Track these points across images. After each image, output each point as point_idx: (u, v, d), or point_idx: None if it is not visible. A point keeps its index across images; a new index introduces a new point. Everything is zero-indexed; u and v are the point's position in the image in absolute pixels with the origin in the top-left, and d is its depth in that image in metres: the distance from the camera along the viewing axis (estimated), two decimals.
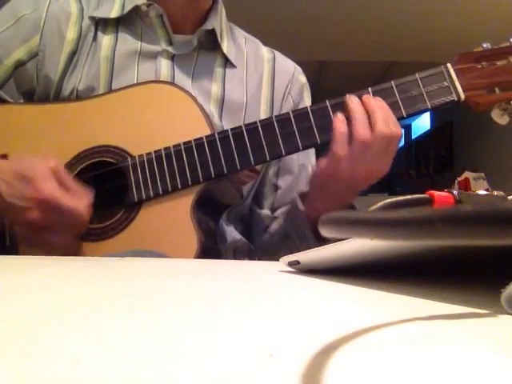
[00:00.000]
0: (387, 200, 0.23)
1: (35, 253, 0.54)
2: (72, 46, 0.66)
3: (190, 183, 0.57)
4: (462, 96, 0.58)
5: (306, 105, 0.77)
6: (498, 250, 0.18)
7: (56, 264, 0.39)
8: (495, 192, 0.30)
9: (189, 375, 0.11)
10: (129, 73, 0.65)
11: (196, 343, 0.14)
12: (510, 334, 0.16)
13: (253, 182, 0.72)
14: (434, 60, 0.95)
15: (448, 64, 0.59)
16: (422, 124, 5.60)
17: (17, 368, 0.11)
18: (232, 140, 0.58)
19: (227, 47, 0.71)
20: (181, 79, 0.67)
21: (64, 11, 0.67)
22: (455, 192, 0.26)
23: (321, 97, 0.64)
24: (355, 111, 0.56)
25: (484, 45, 0.60)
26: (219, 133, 0.58)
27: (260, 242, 0.75)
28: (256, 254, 0.75)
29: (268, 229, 0.74)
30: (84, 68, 0.66)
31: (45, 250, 0.54)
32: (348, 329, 0.16)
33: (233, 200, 0.68)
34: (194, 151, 0.58)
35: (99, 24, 0.67)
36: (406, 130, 5.92)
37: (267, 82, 0.73)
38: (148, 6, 0.67)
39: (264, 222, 0.74)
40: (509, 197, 0.29)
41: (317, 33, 3.22)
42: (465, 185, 3.04)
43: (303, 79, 0.79)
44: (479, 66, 0.58)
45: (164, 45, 0.67)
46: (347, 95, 0.58)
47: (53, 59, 0.66)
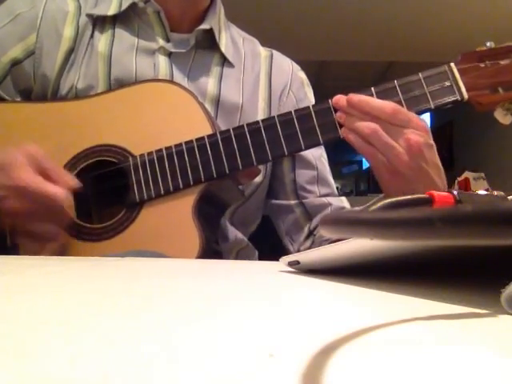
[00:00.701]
0: (387, 200, 0.23)
1: (32, 248, 0.54)
2: (69, 44, 0.66)
3: (192, 183, 0.57)
4: (466, 96, 0.57)
5: (310, 100, 0.77)
6: (498, 250, 0.18)
7: (56, 264, 0.39)
8: (495, 192, 0.30)
9: (189, 375, 0.11)
10: (127, 70, 0.65)
11: (196, 343, 0.14)
12: (510, 334, 0.16)
13: (258, 182, 0.72)
14: (434, 60, 0.95)
15: (451, 63, 0.58)
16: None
17: (17, 368, 0.11)
18: (234, 140, 0.58)
19: (225, 46, 0.71)
20: (177, 76, 0.67)
21: (61, 9, 0.67)
22: (455, 192, 0.26)
23: (321, 97, 0.64)
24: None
25: (487, 44, 0.59)
26: (221, 133, 0.58)
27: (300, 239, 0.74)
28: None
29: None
30: (82, 66, 0.66)
31: (36, 242, 0.54)
32: (348, 329, 0.16)
33: (235, 199, 0.68)
34: (196, 151, 0.58)
35: (97, 22, 0.67)
36: None
37: (264, 81, 0.73)
38: (145, 3, 0.67)
39: (294, 213, 0.73)
40: (509, 197, 0.29)
41: (317, 33, 3.22)
42: (465, 185, 3.04)
43: (303, 75, 0.79)
44: (483, 66, 0.58)
45: (161, 42, 0.67)
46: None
47: (50, 57, 0.66)
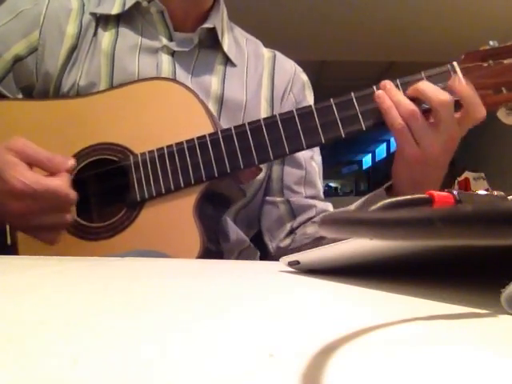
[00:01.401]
0: (387, 200, 0.23)
1: (40, 237, 0.54)
2: (72, 42, 0.66)
3: (193, 182, 0.57)
4: None
5: (309, 103, 0.77)
6: (498, 250, 0.18)
7: (56, 264, 0.39)
8: (495, 192, 0.30)
9: (189, 375, 0.11)
10: (130, 68, 0.65)
11: (196, 343, 0.14)
12: (510, 334, 0.16)
13: (260, 181, 0.72)
14: (435, 60, 0.94)
15: (454, 62, 0.58)
16: None
17: (17, 368, 0.11)
18: (235, 139, 0.58)
19: (228, 46, 0.71)
20: (181, 75, 0.67)
21: (64, 7, 0.67)
22: (455, 192, 0.26)
23: (321, 97, 0.64)
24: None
25: (491, 43, 0.58)
26: (222, 131, 0.58)
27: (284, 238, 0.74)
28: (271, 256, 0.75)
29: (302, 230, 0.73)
30: (84, 64, 0.66)
31: (46, 233, 0.54)
32: (348, 329, 0.16)
33: (236, 199, 0.68)
34: (197, 150, 0.57)
35: (100, 20, 0.67)
36: None
37: (267, 81, 0.74)
38: (149, 3, 0.67)
39: (278, 209, 0.74)
40: (509, 197, 0.29)
41: (317, 33, 3.22)
42: (465, 185, 3.04)
43: (304, 77, 0.79)
44: (486, 65, 0.57)
45: (164, 41, 0.67)
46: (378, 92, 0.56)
47: (52, 54, 0.66)
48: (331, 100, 0.58)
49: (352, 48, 3.48)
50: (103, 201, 0.63)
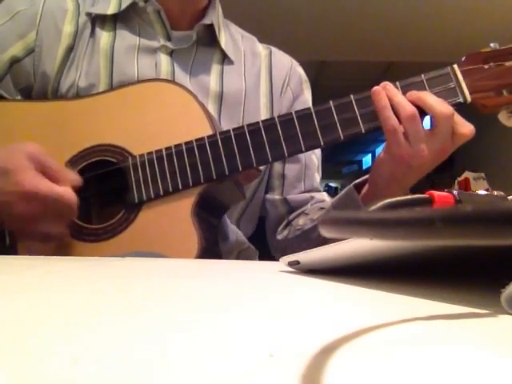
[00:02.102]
0: (387, 200, 0.23)
1: (33, 247, 0.54)
2: (69, 41, 0.66)
3: (191, 184, 0.57)
4: (469, 98, 0.57)
5: (306, 97, 0.77)
6: (498, 250, 0.18)
7: (56, 264, 0.39)
8: (495, 192, 0.30)
9: (189, 375, 0.11)
10: (129, 68, 0.65)
11: (196, 343, 0.14)
12: (510, 334, 0.16)
13: (258, 181, 0.73)
14: (435, 60, 0.95)
15: (454, 65, 0.57)
16: (425, 123, 5.59)
17: (17, 368, 0.11)
18: (234, 141, 0.58)
19: (225, 43, 0.71)
20: (179, 74, 0.67)
21: (60, 7, 0.67)
22: (455, 192, 0.26)
23: (321, 97, 0.64)
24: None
25: (492, 45, 0.58)
26: (221, 133, 0.58)
27: (279, 235, 0.75)
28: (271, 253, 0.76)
29: (291, 220, 0.74)
30: (83, 65, 0.66)
31: (40, 241, 0.54)
32: (348, 329, 0.16)
33: (235, 200, 0.68)
34: (196, 151, 0.57)
35: (96, 20, 0.67)
36: None
37: (265, 77, 0.74)
38: (145, 2, 0.67)
39: (278, 209, 0.75)
40: (509, 197, 0.29)
41: (317, 33, 3.22)
42: (465, 185, 3.04)
43: (301, 71, 0.79)
44: (487, 67, 0.57)
45: (162, 40, 0.68)
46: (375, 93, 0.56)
47: (49, 55, 0.66)
48: (330, 102, 0.58)
49: (352, 48, 3.48)
50: (102, 202, 0.63)
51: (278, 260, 0.34)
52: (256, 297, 0.23)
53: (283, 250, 0.73)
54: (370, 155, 7.87)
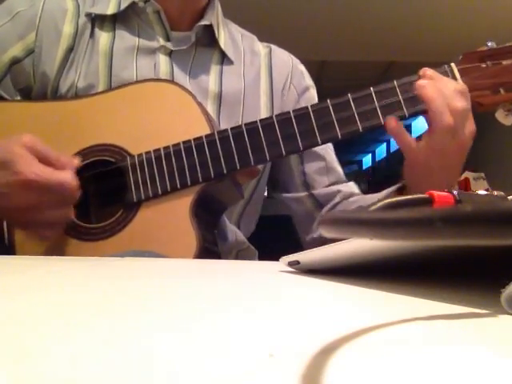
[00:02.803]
0: (387, 200, 0.23)
1: (43, 234, 0.54)
2: (69, 42, 0.66)
3: (190, 183, 0.57)
4: None
5: (312, 93, 0.78)
6: (498, 250, 0.18)
7: (56, 264, 0.39)
8: (495, 192, 0.30)
9: (189, 375, 0.11)
10: (128, 69, 0.65)
11: (196, 343, 0.14)
12: (510, 334, 0.16)
13: (256, 181, 0.73)
14: (435, 60, 0.95)
15: (452, 64, 0.58)
16: (422, 124, 5.59)
17: (17, 368, 0.11)
18: (232, 140, 0.58)
19: (224, 43, 0.71)
20: (179, 75, 0.67)
21: (60, 8, 0.67)
22: (455, 192, 0.26)
23: (321, 97, 0.64)
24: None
25: (489, 43, 0.58)
26: (219, 132, 0.58)
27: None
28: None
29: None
30: (82, 65, 0.66)
31: (46, 229, 0.54)
32: (348, 329, 0.16)
33: (233, 200, 0.68)
34: (194, 151, 0.58)
35: (96, 21, 0.67)
36: (406, 130, 5.91)
37: (265, 76, 0.74)
38: (145, 3, 0.67)
39: (305, 205, 0.74)
40: (509, 197, 0.29)
41: (317, 33, 3.22)
42: (465, 185, 3.03)
43: (302, 68, 0.79)
44: (484, 66, 0.57)
45: (161, 41, 0.68)
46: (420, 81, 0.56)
47: (49, 55, 0.66)
48: (328, 101, 0.58)
49: (352, 48, 3.48)
50: (100, 202, 0.63)
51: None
52: (256, 297, 0.23)
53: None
54: (370, 155, 7.88)
